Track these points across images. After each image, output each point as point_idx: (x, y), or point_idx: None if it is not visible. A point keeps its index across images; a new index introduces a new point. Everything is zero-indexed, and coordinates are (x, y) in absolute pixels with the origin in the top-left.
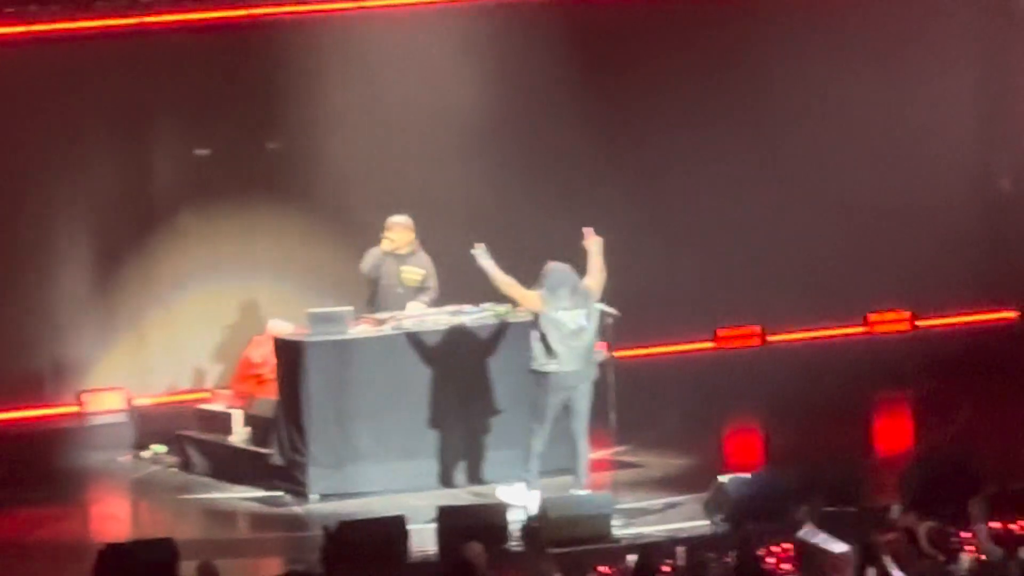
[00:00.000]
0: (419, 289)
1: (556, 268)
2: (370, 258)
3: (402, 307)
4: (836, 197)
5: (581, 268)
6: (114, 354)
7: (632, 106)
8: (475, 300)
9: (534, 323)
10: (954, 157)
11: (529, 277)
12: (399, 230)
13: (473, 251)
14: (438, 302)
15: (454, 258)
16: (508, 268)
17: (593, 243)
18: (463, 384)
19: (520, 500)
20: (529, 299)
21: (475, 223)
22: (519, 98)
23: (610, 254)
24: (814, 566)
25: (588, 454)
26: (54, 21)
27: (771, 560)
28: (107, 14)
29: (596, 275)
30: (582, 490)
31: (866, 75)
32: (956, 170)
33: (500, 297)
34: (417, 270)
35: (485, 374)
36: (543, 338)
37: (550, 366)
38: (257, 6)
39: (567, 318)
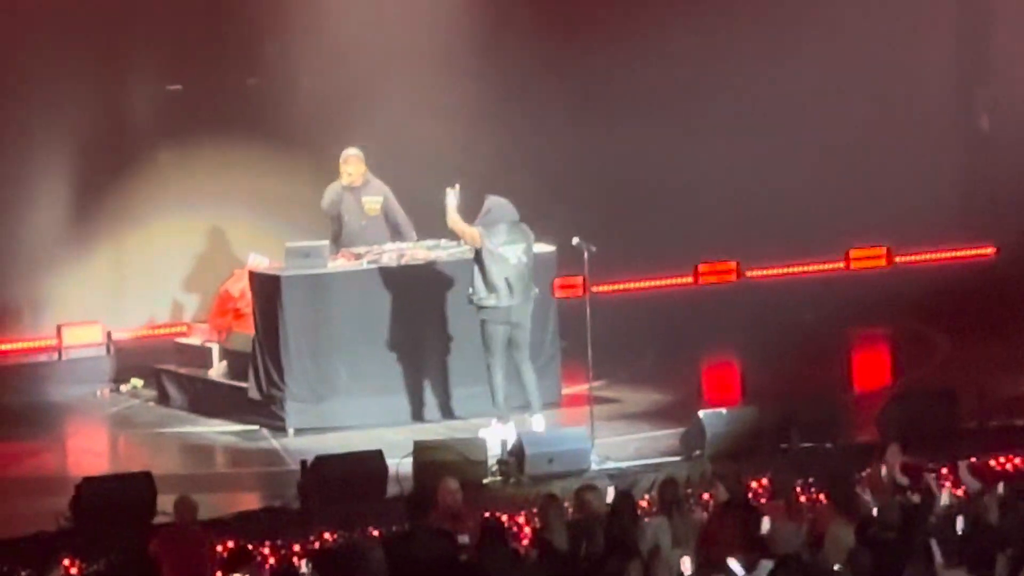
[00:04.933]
0: (381, 218)
1: (494, 203)
2: (330, 194)
3: (367, 240)
4: (814, 135)
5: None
6: (92, 288)
7: (612, 49)
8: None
9: (476, 258)
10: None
11: None
12: (354, 162)
13: (448, 190)
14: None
15: (414, 194)
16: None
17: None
18: (438, 319)
19: (498, 435)
20: (469, 234)
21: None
22: (489, 32)
23: (590, 188)
24: None
25: (535, 381)
26: None
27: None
28: None
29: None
30: (537, 414)
31: (848, 13)
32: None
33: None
34: (376, 198)
35: (458, 309)
36: (483, 272)
37: (490, 300)
38: None
39: (508, 252)
